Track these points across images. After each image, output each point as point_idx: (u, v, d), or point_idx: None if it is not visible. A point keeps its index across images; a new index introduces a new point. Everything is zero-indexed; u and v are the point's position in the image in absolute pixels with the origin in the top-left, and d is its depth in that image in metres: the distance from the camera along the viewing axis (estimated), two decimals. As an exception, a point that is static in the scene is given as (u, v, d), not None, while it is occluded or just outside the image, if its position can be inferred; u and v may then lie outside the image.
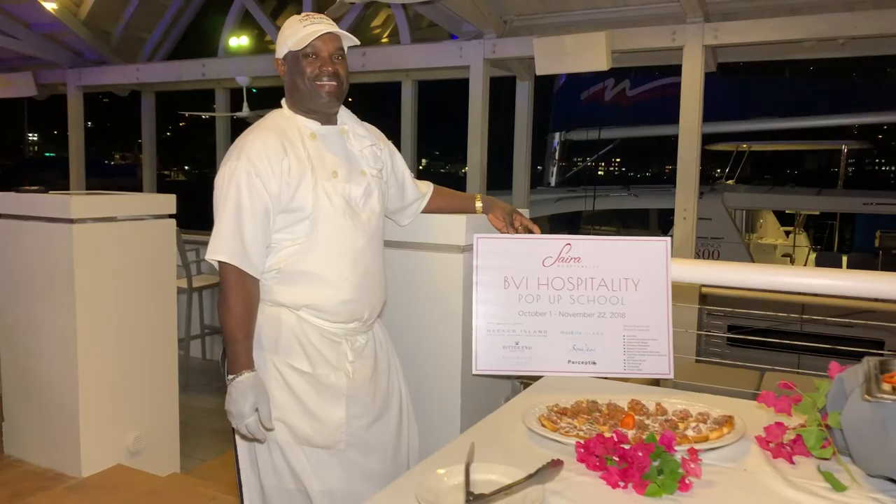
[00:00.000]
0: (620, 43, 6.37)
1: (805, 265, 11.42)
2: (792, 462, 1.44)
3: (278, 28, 9.13)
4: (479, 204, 2.20)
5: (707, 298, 6.07)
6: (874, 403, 1.26)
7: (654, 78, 14.04)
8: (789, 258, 12.38)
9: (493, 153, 7.49)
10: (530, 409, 1.67)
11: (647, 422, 1.59)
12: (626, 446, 1.38)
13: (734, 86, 14.33)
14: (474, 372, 2.08)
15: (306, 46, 1.78)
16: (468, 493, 1.22)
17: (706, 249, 10.24)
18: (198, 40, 10.98)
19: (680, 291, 6.65)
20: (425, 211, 2.16)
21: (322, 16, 1.86)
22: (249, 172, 1.71)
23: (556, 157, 14.60)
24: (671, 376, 2.06)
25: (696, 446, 1.43)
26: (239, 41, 9.31)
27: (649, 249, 2.13)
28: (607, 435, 1.44)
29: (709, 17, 6.28)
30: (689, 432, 1.53)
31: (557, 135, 14.51)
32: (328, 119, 1.87)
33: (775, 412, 1.58)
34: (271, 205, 1.72)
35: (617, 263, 2.12)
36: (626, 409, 1.68)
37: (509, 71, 7.85)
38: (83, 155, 10.35)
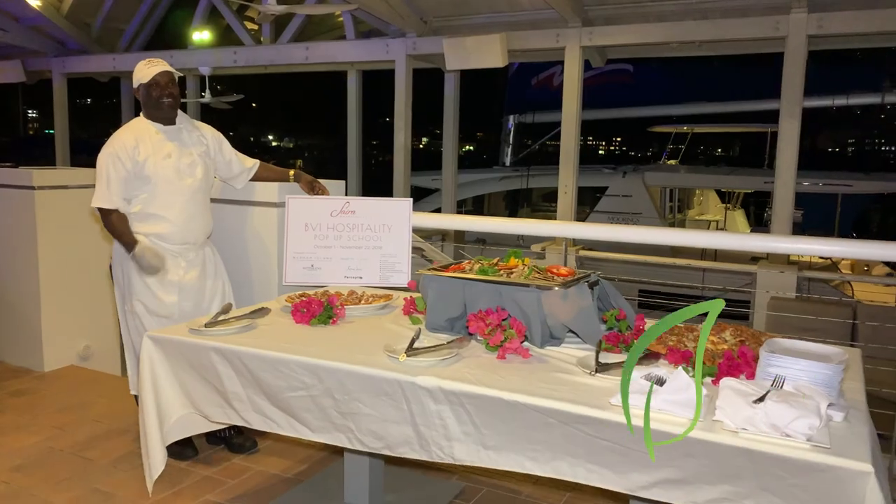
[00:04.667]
0: (514, 43, 7.48)
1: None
2: (408, 315, 2.62)
3: (243, 21, 10.11)
4: (291, 175, 3.36)
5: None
6: (422, 275, 2.44)
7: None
8: (721, 233, 13.53)
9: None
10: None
11: (349, 298, 2.77)
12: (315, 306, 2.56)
13: (677, 73, 15.33)
14: (283, 283, 3.26)
15: (150, 80, 2.92)
16: (211, 319, 2.40)
17: (626, 223, 11.40)
18: (172, 31, 12.02)
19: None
20: (253, 179, 3.32)
21: (160, 59, 3.01)
22: (113, 155, 2.86)
23: (511, 139, 15.73)
24: (406, 284, 3.24)
25: (352, 306, 2.62)
26: (202, 35, 10.35)
27: (399, 206, 3.30)
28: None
29: (590, 21, 7.38)
30: (363, 302, 2.71)
31: (511, 118, 15.61)
32: (169, 121, 3.00)
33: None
34: (126, 174, 2.87)
35: (378, 215, 3.29)
36: (345, 294, 2.86)
37: (434, 64, 8.94)
38: (68, 136, 11.49)
